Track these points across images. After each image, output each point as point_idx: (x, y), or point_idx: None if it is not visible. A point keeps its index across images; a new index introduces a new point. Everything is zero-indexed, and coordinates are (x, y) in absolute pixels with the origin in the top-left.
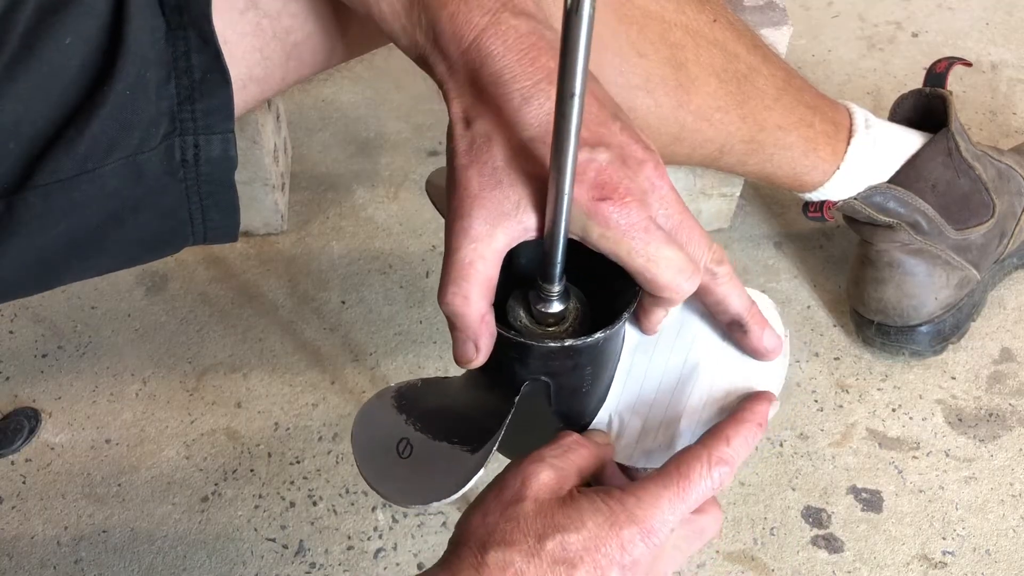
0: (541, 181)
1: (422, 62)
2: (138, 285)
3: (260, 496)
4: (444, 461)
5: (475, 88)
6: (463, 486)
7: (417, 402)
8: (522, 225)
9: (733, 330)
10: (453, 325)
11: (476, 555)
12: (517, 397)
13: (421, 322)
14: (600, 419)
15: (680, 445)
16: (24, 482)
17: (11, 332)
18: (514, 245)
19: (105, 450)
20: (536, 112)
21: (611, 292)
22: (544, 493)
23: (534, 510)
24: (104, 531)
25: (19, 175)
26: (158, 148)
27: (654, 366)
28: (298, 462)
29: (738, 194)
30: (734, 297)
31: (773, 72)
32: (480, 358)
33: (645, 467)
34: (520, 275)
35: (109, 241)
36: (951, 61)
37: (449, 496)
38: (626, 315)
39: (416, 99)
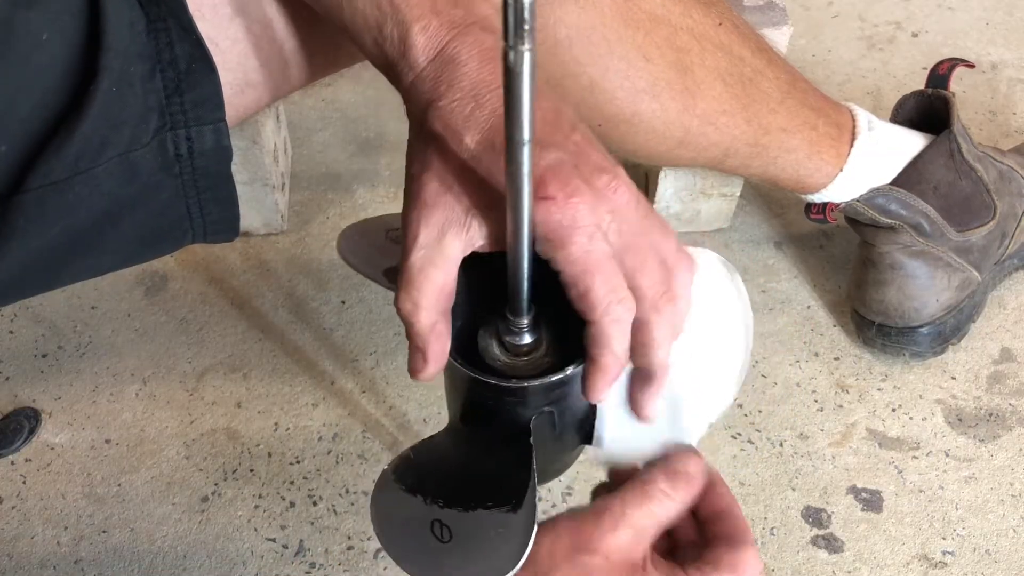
0: (493, 188)
1: (390, 72)
2: (138, 285)
3: (260, 496)
4: (492, 530)
5: (435, 95)
6: (524, 551)
7: (422, 476)
8: (471, 232)
9: (636, 379)
10: (407, 333)
11: None
12: (531, 437)
13: None
14: (604, 417)
15: (685, 418)
16: (24, 482)
17: (11, 332)
18: (467, 253)
19: (105, 450)
20: (488, 116)
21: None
22: (617, 555)
23: (603, 569)
24: (104, 531)
25: (11, 178)
26: (151, 144)
27: None
28: (298, 462)
29: (738, 194)
30: (661, 351)
31: (778, 75)
32: (427, 370)
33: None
34: (488, 304)
35: (107, 240)
36: (954, 63)
37: (515, 567)
38: None
39: None
